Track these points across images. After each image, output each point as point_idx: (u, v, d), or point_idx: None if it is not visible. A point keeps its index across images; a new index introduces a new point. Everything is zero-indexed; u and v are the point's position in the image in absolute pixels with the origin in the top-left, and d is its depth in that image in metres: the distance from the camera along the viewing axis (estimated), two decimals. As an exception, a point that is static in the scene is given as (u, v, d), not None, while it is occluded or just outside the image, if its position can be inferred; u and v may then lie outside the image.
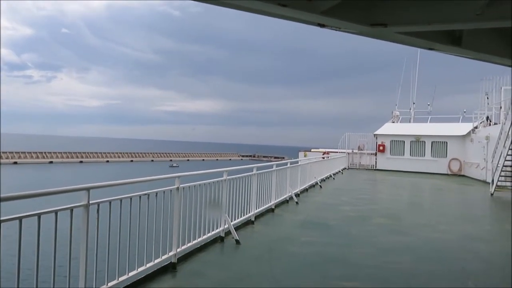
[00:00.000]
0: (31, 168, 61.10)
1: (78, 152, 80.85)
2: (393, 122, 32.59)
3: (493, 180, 16.29)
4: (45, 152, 74.90)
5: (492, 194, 15.87)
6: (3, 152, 66.37)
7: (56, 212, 3.53)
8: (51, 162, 71.32)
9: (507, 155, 15.80)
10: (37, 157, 71.78)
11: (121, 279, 4.40)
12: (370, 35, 4.38)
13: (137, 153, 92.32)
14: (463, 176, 25.74)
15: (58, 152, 77.42)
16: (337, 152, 29.55)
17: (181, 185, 5.56)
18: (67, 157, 76.94)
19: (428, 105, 33.93)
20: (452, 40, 4.68)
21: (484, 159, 21.27)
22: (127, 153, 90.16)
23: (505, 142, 16.44)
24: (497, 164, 16.33)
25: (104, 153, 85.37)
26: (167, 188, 5.30)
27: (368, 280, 5.48)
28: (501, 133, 17.79)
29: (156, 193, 5.03)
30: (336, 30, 4.36)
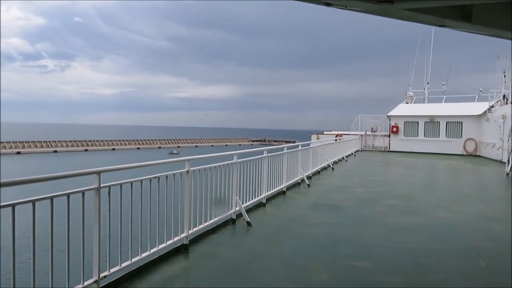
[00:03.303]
0: (33, 159, 59.07)
1: (84, 140, 79.60)
2: (407, 103, 32.12)
3: (509, 160, 16.04)
4: (49, 141, 73.85)
5: (507, 174, 15.65)
6: (6, 142, 65.62)
7: (68, 195, 3.61)
8: (55, 151, 70.12)
9: (524, 134, 15.51)
10: (41, 146, 70.66)
11: (134, 260, 4.51)
12: (376, 12, 4.32)
13: (144, 140, 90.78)
14: (479, 156, 25.38)
15: (63, 141, 76.32)
16: (350, 134, 29.36)
17: (191, 168, 5.62)
18: (72, 145, 75.66)
19: (443, 84, 33.24)
20: (463, 16, 4.58)
21: (501, 138, 20.90)
22: (133, 140, 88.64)
23: (521, 121, 16.12)
24: (513, 143, 16.06)
25: (110, 140, 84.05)
26: (177, 171, 5.37)
27: (378, 259, 5.51)
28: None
29: (166, 176, 5.10)
30: (342, 8, 4.31)
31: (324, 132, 31.39)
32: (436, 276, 4.92)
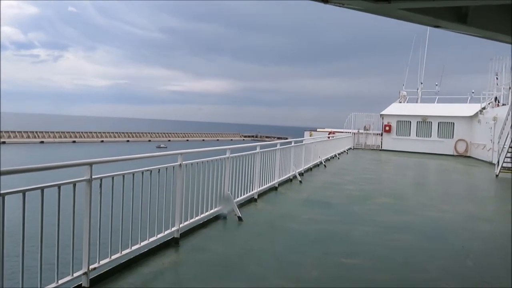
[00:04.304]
0: (18, 149, 55.65)
1: (72, 132, 77.53)
2: (400, 102, 32.29)
3: (498, 161, 16.22)
4: (36, 132, 71.20)
5: (497, 176, 15.83)
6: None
7: (59, 186, 3.58)
8: (42, 142, 68.20)
9: (514, 136, 15.67)
10: (28, 137, 68.23)
11: (124, 252, 4.50)
12: (373, 11, 4.32)
13: (134, 133, 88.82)
14: (469, 157, 25.63)
15: (51, 132, 73.92)
16: (342, 132, 29.47)
17: (183, 162, 5.60)
18: (60, 136, 73.44)
19: (436, 85, 33.49)
20: (458, 17, 4.60)
21: (491, 140, 21.11)
22: (123, 132, 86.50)
23: (512, 123, 16.28)
24: (503, 145, 16.23)
25: (99, 132, 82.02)
26: (169, 164, 5.34)
27: (367, 257, 5.55)
28: (509, 114, 17.60)
29: (159, 169, 5.07)
30: (340, 6, 4.30)
31: (317, 129, 31.47)
32: (424, 275, 4.98)
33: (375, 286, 4.60)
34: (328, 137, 21.41)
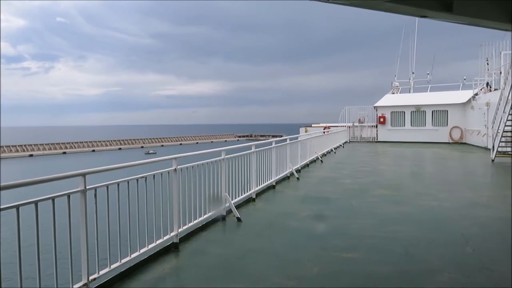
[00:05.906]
0: (6, 164, 53.27)
1: (62, 143, 76.14)
2: (393, 93, 32.42)
3: (493, 146, 16.31)
4: (24, 145, 69.86)
5: (493, 160, 15.91)
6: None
7: (53, 199, 3.56)
8: (31, 155, 66.74)
9: (507, 120, 15.76)
10: (16, 151, 66.99)
11: (123, 261, 4.48)
12: (359, 5, 4.32)
13: (126, 140, 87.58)
14: (465, 144, 25.77)
15: (40, 144, 72.28)
16: (337, 126, 29.53)
17: (178, 167, 5.59)
18: (49, 148, 72.07)
19: (428, 74, 33.68)
20: (444, 7, 4.61)
21: (485, 125, 21.22)
22: (114, 140, 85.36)
23: (504, 108, 16.37)
24: (497, 130, 16.31)
25: (90, 142, 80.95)
26: (164, 170, 5.33)
27: (368, 250, 5.56)
28: (501, 99, 17.68)
29: (154, 176, 5.06)
30: (325, 1, 4.29)
31: (312, 125, 31.52)
32: (424, 264, 4.99)
33: (376, 278, 4.61)
34: (324, 132, 21.44)
